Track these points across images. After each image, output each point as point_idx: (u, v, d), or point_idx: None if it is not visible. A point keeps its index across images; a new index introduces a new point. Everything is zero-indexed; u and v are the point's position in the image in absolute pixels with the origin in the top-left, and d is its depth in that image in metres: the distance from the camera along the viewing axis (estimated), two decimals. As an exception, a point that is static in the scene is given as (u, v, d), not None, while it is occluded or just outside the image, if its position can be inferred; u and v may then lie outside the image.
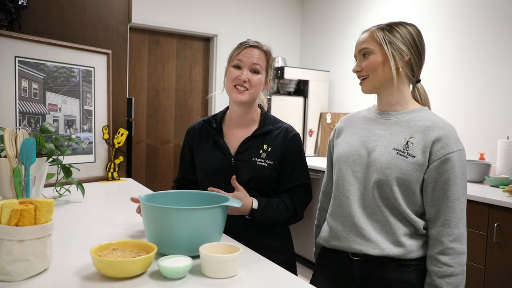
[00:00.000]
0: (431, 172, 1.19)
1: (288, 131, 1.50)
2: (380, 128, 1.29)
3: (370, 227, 1.23)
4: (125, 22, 2.41)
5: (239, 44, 1.47)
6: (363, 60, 1.27)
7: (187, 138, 1.59)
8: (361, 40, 1.29)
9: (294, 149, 1.48)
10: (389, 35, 1.25)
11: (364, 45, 1.27)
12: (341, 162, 1.32)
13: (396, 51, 1.24)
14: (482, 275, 2.24)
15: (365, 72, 1.27)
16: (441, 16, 3.25)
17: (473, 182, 2.68)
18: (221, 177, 1.45)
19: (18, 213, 0.90)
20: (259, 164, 1.44)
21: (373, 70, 1.26)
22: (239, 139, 1.49)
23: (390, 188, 1.20)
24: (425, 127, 1.22)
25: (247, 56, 1.43)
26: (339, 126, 1.43)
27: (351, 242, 1.25)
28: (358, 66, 1.29)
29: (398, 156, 1.20)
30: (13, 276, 0.89)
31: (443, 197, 1.18)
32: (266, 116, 1.53)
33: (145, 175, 4.11)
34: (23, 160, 1.31)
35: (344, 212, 1.27)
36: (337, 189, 1.32)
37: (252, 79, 1.43)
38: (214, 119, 1.55)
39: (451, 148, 1.18)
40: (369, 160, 1.25)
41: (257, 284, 0.96)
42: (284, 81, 4.06)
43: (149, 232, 1.09)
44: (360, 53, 1.29)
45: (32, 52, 1.95)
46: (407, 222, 1.22)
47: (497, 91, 2.86)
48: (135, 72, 4.02)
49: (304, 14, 4.73)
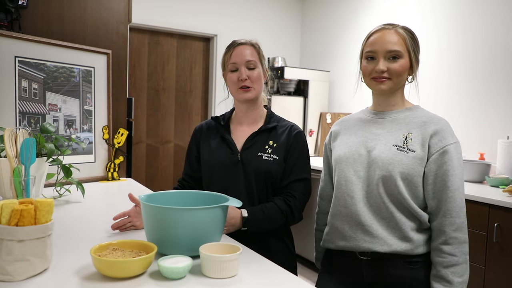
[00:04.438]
0: (431, 165, 1.23)
1: (293, 128, 1.53)
2: (377, 128, 1.32)
3: (377, 224, 1.24)
4: (125, 22, 2.41)
5: (227, 48, 1.52)
6: (391, 61, 1.26)
7: (194, 135, 1.62)
8: (391, 40, 1.26)
9: (298, 145, 1.50)
10: (413, 44, 1.29)
11: (396, 47, 1.26)
12: (341, 163, 1.33)
13: (416, 60, 1.30)
14: (482, 275, 2.23)
15: (390, 74, 1.27)
16: (442, 16, 3.25)
17: (473, 182, 2.68)
18: (227, 171, 1.47)
19: (18, 213, 0.90)
20: (264, 158, 1.46)
21: (399, 75, 1.27)
22: (245, 135, 1.52)
23: (395, 183, 1.22)
24: (422, 123, 1.27)
25: (239, 56, 1.47)
26: (335, 129, 1.45)
27: (358, 241, 1.26)
28: (385, 66, 1.26)
29: (399, 152, 1.23)
30: (13, 276, 0.89)
31: (443, 188, 1.21)
32: (272, 114, 1.57)
33: (145, 175, 4.11)
34: (23, 160, 1.31)
35: (350, 212, 1.28)
36: (340, 190, 1.32)
37: (252, 75, 1.46)
38: (222, 117, 1.59)
39: (448, 140, 1.23)
40: (370, 158, 1.27)
41: (257, 284, 0.96)
42: (284, 81, 4.05)
43: (149, 232, 1.09)
44: (388, 53, 1.26)
45: (32, 52, 1.95)
46: (412, 216, 1.24)
47: (497, 91, 2.86)
48: (135, 72, 4.02)
49: (304, 14, 4.73)
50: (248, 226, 1.36)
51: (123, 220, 1.30)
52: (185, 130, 4.29)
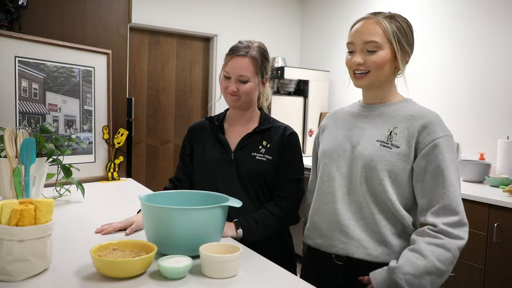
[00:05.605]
0: (420, 160, 1.14)
1: (286, 130, 1.52)
2: (364, 121, 1.25)
3: (355, 224, 1.18)
4: (125, 22, 2.41)
5: (230, 50, 1.48)
6: (368, 54, 1.17)
7: (188, 135, 1.63)
8: (368, 30, 1.18)
9: (291, 146, 1.50)
10: (398, 32, 1.17)
11: (373, 38, 1.16)
12: (326, 157, 1.28)
13: (403, 51, 1.19)
14: (482, 275, 2.23)
15: (368, 67, 1.18)
16: (442, 16, 3.25)
17: (473, 182, 2.68)
18: (220, 171, 1.47)
19: (18, 213, 0.90)
20: (258, 158, 1.46)
21: (379, 67, 1.17)
22: (239, 136, 1.52)
23: (379, 181, 1.15)
24: (409, 116, 1.18)
25: (233, 68, 1.44)
26: (324, 123, 1.40)
27: (334, 241, 1.21)
28: (362, 58, 1.18)
29: (382, 148, 1.16)
30: (13, 276, 0.89)
31: (436, 185, 1.11)
32: (266, 116, 1.57)
33: (145, 175, 4.11)
34: (23, 160, 1.32)
35: (329, 209, 1.23)
36: (321, 186, 1.28)
37: (241, 88, 1.45)
38: (216, 118, 1.59)
39: (437, 134, 1.13)
40: (354, 154, 1.21)
41: (257, 284, 0.96)
42: (284, 81, 4.05)
43: (149, 232, 1.09)
44: (366, 45, 1.17)
45: (32, 52, 1.95)
46: (394, 219, 1.17)
47: (497, 91, 2.86)
48: (135, 72, 4.02)
49: (304, 14, 4.73)
50: (243, 237, 1.33)
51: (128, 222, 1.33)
52: (185, 130, 4.26)
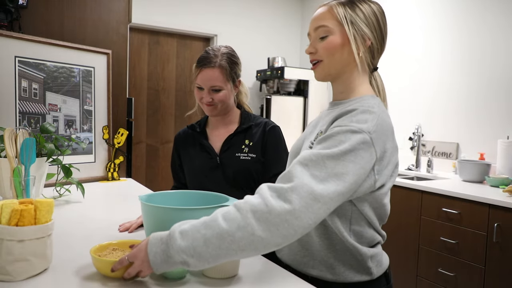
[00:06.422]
0: None
1: (267, 124, 1.54)
2: (322, 121, 1.13)
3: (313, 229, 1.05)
4: (125, 22, 2.41)
5: (198, 62, 1.47)
6: (319, 41, 1.07)
7: (174, 145, 1.64)
8: (318, 16, 1.08)
9: (272, 140, 1.51)
10: (351, 13, 1.04)
11: (322, 23, 1.06)
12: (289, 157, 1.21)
13: (358, 34, 1.04)
14: (482, 275, 2.23)
15: (319, 55, 1.08)
16: (442, 16, 3.25)
17: (473, 182, 2.68)
18: (208, 176, 1.50)
19: (18, 213, 0.90)
20: (242, 158, 1.48)
21: (330, 54, 1.06)
22: (222, 138, 1.54)
23: None
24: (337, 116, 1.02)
25: (204, 80, 1.45)
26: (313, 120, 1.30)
27: None
28: (312, 47, 1.09)
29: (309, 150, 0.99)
30: (13, 276, 0.89)
31: None
32: (246, 114, 1.58)
33: (145, 175, 4.11)
34: (23, 160, 1.31)
35: None
36: None
37: (215, 97, 1.47)
38: (198, 124, 1.61)
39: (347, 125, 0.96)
40: None
41: (257, 284, 0.96)
42: (284, 81, 4.05)
43: (149, 232, 1.09)
44: (316, 32, 1.08)
45: (32, 52, 1.95)
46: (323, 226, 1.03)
47: (497, 91, 2.86)
48: (135, 72, 4.02)
49: (304, 14, 4.73)
50: None
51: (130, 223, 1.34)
52: (185, 130, 4.29)
